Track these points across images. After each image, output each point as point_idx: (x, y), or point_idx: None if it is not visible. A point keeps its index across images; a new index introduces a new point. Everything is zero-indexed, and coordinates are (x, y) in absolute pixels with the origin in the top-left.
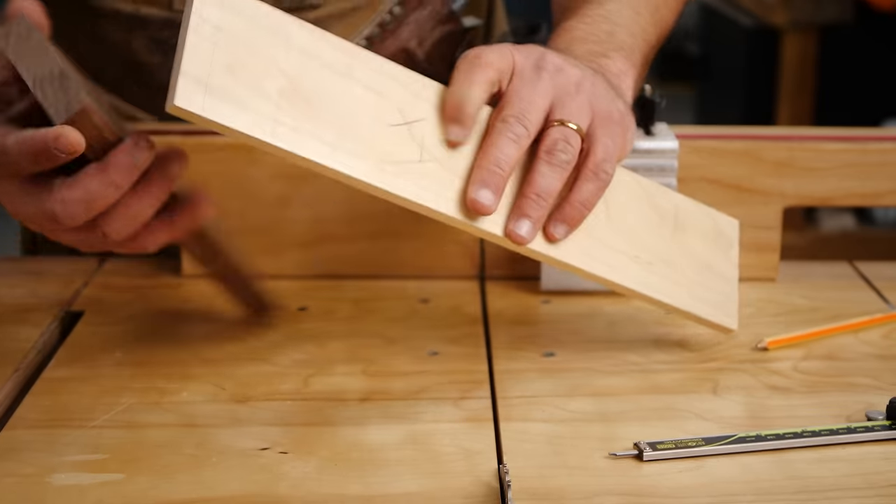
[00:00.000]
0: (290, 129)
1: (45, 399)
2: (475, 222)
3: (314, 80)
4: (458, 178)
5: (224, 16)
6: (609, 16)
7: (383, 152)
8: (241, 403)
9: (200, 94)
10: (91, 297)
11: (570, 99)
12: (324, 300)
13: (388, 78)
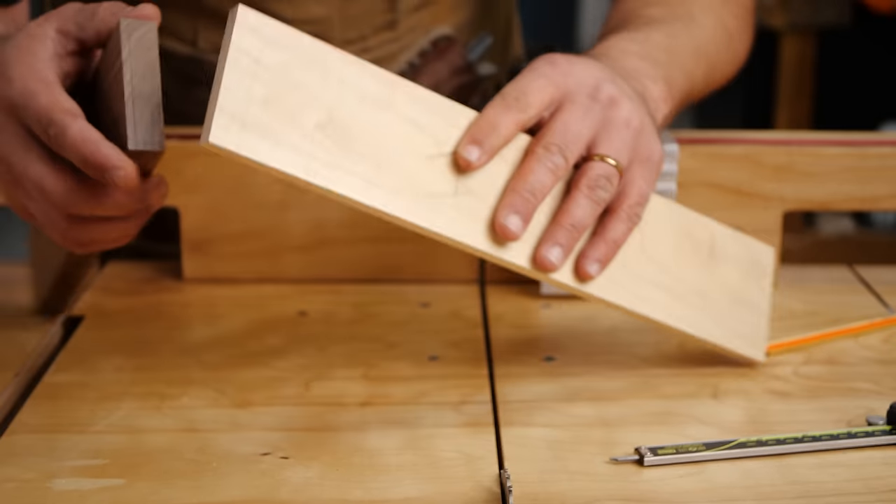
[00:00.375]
0: (325, 164)
1: (45, 404)
2: (503, 254)
3: (352, 112)
4: (490, 211)
5: (264, 48)
6: (671, 46)
7: (419, 185)
8: (242, 408)
9: (236, 130)
10: (91, 302)
11: (617, 134)
12: (324, 304)
13: (427, 108)
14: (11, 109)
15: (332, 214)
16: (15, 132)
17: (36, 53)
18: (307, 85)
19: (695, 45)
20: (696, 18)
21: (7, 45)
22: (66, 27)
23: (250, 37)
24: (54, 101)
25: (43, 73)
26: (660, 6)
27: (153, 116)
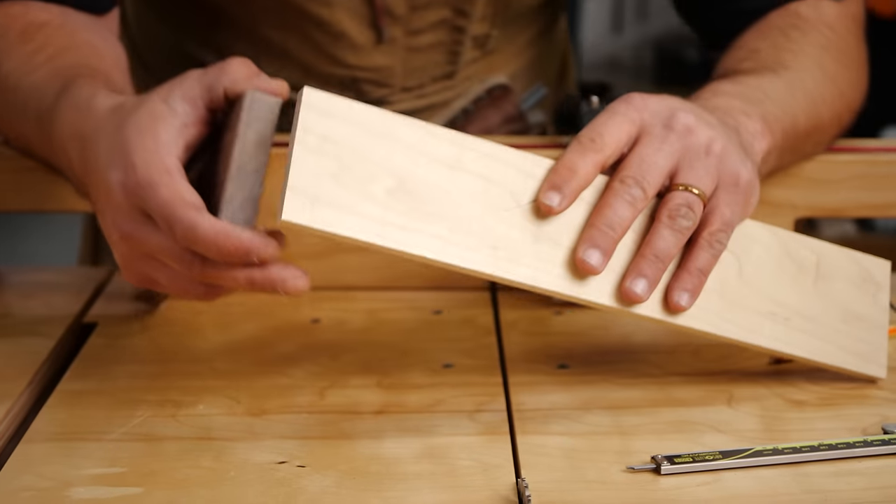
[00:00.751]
0: (398, 228)
1: (60, 412)
2: (585, 294)
3: (422, 175)
4: (570, 253)
5: (330, 124)
6: (763, 86)
7: (496, 238)
8: (257, 416)
9: (308, 206)
10: (104, 309)
11: (698, 161)
12: (336, 312)
13: (498, 162)
14: (133, 196)
15: None
16: (140, 216)
17: (158, 136)
18: (375, 154)
19: (791, 85)
20: (788, 64)
21: (128, 124)
22: (193, 93)
23: (316, 116)
24: (176, 195)
25: (165, 162)
26: (750, 61)
27: (251, 193)
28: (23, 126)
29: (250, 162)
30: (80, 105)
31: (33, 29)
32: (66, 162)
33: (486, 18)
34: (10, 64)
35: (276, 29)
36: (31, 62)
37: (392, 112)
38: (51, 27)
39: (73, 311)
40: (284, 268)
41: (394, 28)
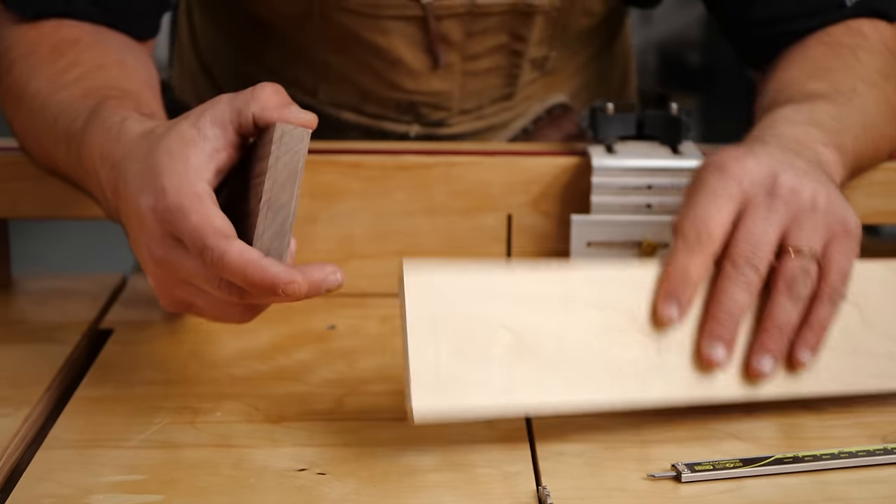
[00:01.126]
0: (524, 386)
1: (79, 419)
2: (715, 394)
3: (537, 323)
4: (693, 353)
5: (437, 303)
6: (832, 112)
7: (622, 364)
8: (276, 424)
9: (435, 396)
10: (119, 315)
11: (807, 220)
12: (352, 318)
13: (606, 285)
14: (164, 222)
15: (358, 228)
16: (172, 241)
17: (188, 160)
18: (487, 315)
19: (861, 115)
20: (859, 92)
21: (159, 149)
22: (223, 118)
23: (420, 299)
24: (206, 221)
25: (195, 187)
26: (823, 80)
27: (282, 227)
28: (51, 146)
29: (281, 195)
30: (110, 129)
31: (64, 46)
32: (97, 186)
33: (544, 41)
34: (38, 83)
35: (334, 53)
36: (59, 80)
37: (491, 269)
38: (82, 45)
39: (88, 317)
40: (319, 268)
41: (450, 54)
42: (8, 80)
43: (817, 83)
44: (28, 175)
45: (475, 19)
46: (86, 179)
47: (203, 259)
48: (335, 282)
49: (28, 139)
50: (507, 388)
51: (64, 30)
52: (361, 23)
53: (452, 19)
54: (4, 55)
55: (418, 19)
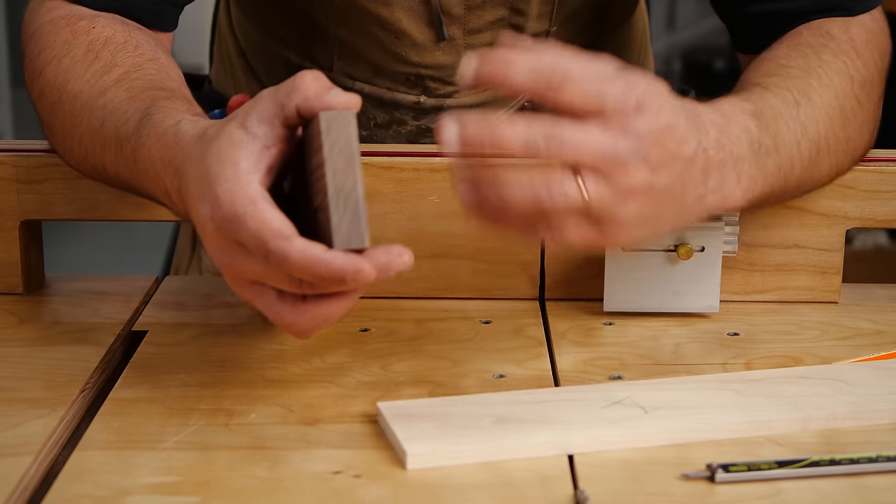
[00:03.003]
0: (511, 439)
1: (114, 420)
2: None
3: (518, 410)
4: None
5: (419, 426)
6: (779, 128)
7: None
8: (311, 426)
9: (427, 445)
10: (152, 316)
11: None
12: (385, 321)
13: (580, 392)
14: (223, 230)
15: (390, 231)
16: (234, 246)
17: (238, 164)
18: (467, 412)
19: (804, 127)
20: (811, 96)
21: (210, 154)
22: (268, 113)
23: (405, 423)
24: (263, 225)
25: (248, 192)
26: (778, 76)
27: (356, 212)
28: (98, 149)
29: (345, 182)
30: (165, 133)
31: (98, 46)
32: (162, 190)
33: (544, 16)
34: (77, 85)
35: (346, 28)
36: (100, 82)
37: (472, 396)
38: (115, 44)
39: (122, 318)
40: (385, 251)
41: (452, 27)
42: (41, 81)
43: (772, 79)
44: (60, 177)
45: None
46: (144, 182)
47: (268, 262)
48: (402, 264)
49: (68, 141)
50: (496, 443)
51: (97, 29)
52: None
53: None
54: (37, 57)
55: None
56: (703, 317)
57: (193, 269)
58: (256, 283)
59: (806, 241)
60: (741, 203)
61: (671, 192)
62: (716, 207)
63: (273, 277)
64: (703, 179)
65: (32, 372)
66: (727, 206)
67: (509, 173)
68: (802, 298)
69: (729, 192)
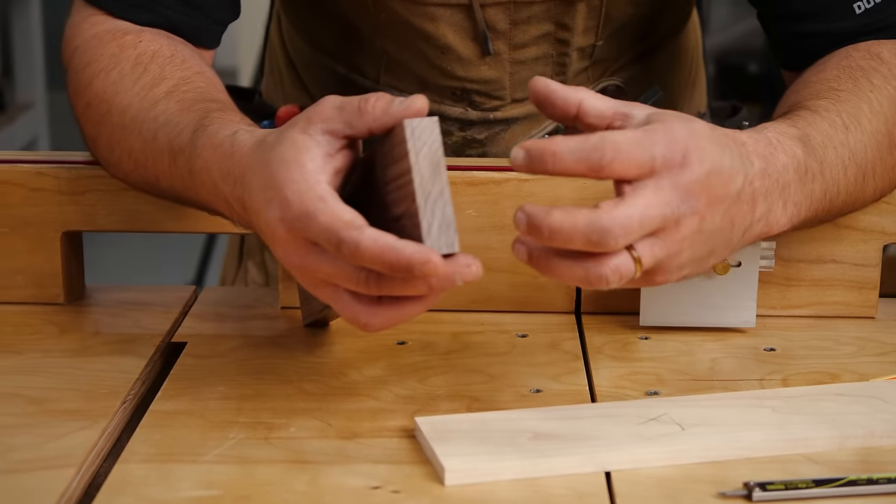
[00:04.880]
0: (548, 457)
1: (155, 433)
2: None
3: (553, 426)
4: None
5: (459, 441)
6: (826, 153)
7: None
8: (349, 440)
9: (465, 461)
10: (192, 328)
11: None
12: (422, 333)
13: (617, 408)
14: (295, 230)
15: None
16: (307, 246)
17: (304, 165)
18: (505, 429)
19: (853, 153)
20: (861, 121)
21: (273, 159)
22: (334, 127)
23: (443, 439)
24: (335, 217)
25: (317, 189)
26: (829, 99)
27: (444, 216)
28: (149, 160)
29: (432, 188)
30: (222, 144)
31: (146, 59)
32: (221, 201)
33: (590, 30)
34: (126, 97)
35: (392, 43)
36: (150, 95)
37: (509, 411)
38: (162, 57)
39: (162, 329)
40: (452, 261)
41: (497, 42)
42: (88, 94)
43: (822, 102)
44: (102, 188)
45: (519, 7)
46: (200, 193)
47: (341, 253)
48: (470, 275)
49: (117, 153)
50: (533, 462)
51: (143, 42)
52: (410, 9)
53: (497, 7)
54: (82, 70)
55: (464, 7)
56: (739, 332)
57: (240, 282)
58: (330, 283)
59: (843, 257)
60: (786, 228)
61: (720, 230)
62: (762, 234)
63: (344, 277)
64: (750, 211)
65: (74, 383)
66: (773, 231)
67: (562, 259)
68: (839, 313)
69: (774, 220)
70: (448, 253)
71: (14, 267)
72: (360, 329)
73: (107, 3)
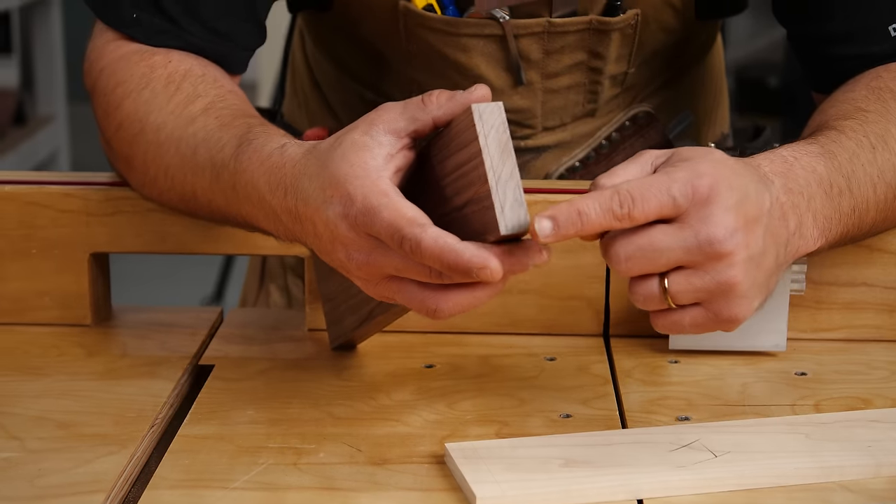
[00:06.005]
0: (580, 482)
1: (183, 458)
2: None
3: (584, 452)
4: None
5: (492, 460)
6: (854, 169)
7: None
8: (379, 466)
9: (497, 486)
10: (219, 350)
11: (699, 280)
12: (450, 357)
13: (649, 434)
14: (359, 226)
15: None
16: (370, 242)
17: (366, 163)
18: (534, 456)
19: (882, 171)
20: (889, 142)
21: (333, 159)
22: (396, 126)
23: (474, 465)
24: (398, 214)
25: (380, 186)
26: (856, 120)
27: (516, 196)
28: (189, 176)
29: (502, 168)
30: (271, 157)
31: (178, 77)
32: (265, 213)
33: (623, 58)
34: (160, 115)
35: (423, 71)
36: (185, 112)
37: (539, 437)
38: (194, 76)
39: (189, 352)
40: (524, 248)
41: (530, 72)
42: (119, 114)
43: (849, 123)
44: (130, 209)
45: (553, 37)
46: (244, 207)
47: (402, 249)
48: (541, 259)
49: (152, 171)
50: (566, 485)
51: (174, 63)
52: (443, 40)
53: (531, 37)
54: (112, 91)
55: (497, 38)
56: (769, 355)
57: (261, 304)
58: (395, 277)
59: (874, 280)
60: (821, 244)
61: (767, 251)
62: (800, 249)
63: (411, 269)
64: (784, 225)
65: (102, 406)
66: (809, 247)
67: None
68: (871, 337)
69: (808, 233)
70: (519, 232)
71: (41, 288)
72: (429, 317)
73: (131, 29)
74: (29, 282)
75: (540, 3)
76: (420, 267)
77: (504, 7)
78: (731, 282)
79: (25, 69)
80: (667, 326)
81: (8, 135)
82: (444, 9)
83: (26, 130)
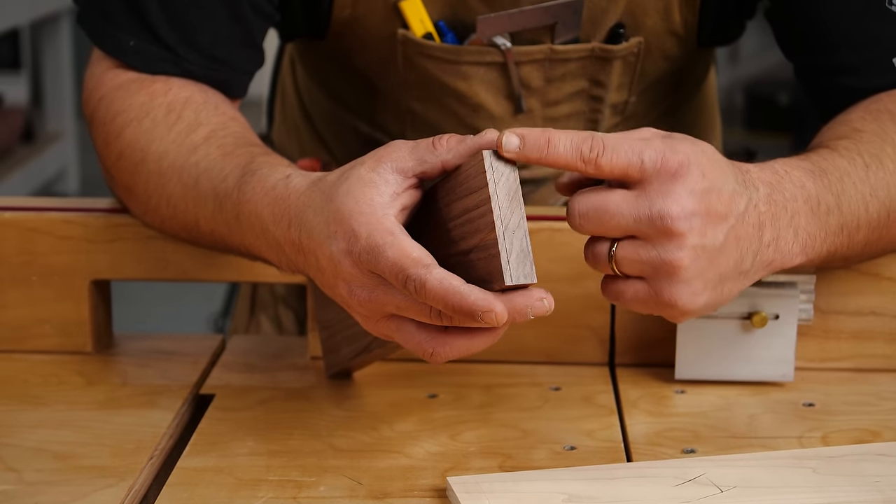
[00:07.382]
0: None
1: (182, 491)
2: None
3: (587, 487)
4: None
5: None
6: (844, 187)
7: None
8: (380, 500)
9: None
10: (219, 379)
11: (646, 252)
12: (454, 386)
13: (651, 468)
14: (362, 263)
15: None
16: (373, 280)
17: (372, 200)
18: (539, 489)
19: (873, 190)
20: (884, 162)
21: (339, 194)
22: (404, 165)
23: (476, 500)
24: (403, 253)
25: (385, 224)
26: (850, 139)
27: (522, 247)
28: (191, 206)
29: (510, 217)
30: (275, 188)
31: (179, 105)
32: (269, 244)
33: (624, 86)
34: (161, 144)
35: (419, 101)
36: (187, 141)
37: (542, 471)
38: (195, 103)
39: (189, 381)
40: (525, 295)
41: (531, 99)
42: (119, 144)
43: (843, 142)
44: (130, 236)
45: (554, 65)
46: (247, 237)
47: (405, 289)
48: (543, 309)
49: (154, 201)
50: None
51: (174, 90)
52: (442, 68)
53: (532, 65)
54: (112, 121)
55: (498, 65)
56: (777, 385)
57: (252, 334)
58: (395, 316)
59: (883, 308)
60: (801, 260)
61: (726, 251)
62: (775, 263)
63: (413, 309)
64: (757, 234)
65: (100, 437)
66: (786, 262)
67: None
68: (879, 366)
69: (786, 248)
70: (524, 283)
71: (42, 315)
72: (426, 359)
73: (130, 57)
74: (29, 309)
75: (542, 29)
76: (422, 307)
77: (506, 34)
78: (676, 263)
79: (35, 86)
80: (610, 294)
81: (17, 151)
82: (443, 36)
83: (35, 147)
